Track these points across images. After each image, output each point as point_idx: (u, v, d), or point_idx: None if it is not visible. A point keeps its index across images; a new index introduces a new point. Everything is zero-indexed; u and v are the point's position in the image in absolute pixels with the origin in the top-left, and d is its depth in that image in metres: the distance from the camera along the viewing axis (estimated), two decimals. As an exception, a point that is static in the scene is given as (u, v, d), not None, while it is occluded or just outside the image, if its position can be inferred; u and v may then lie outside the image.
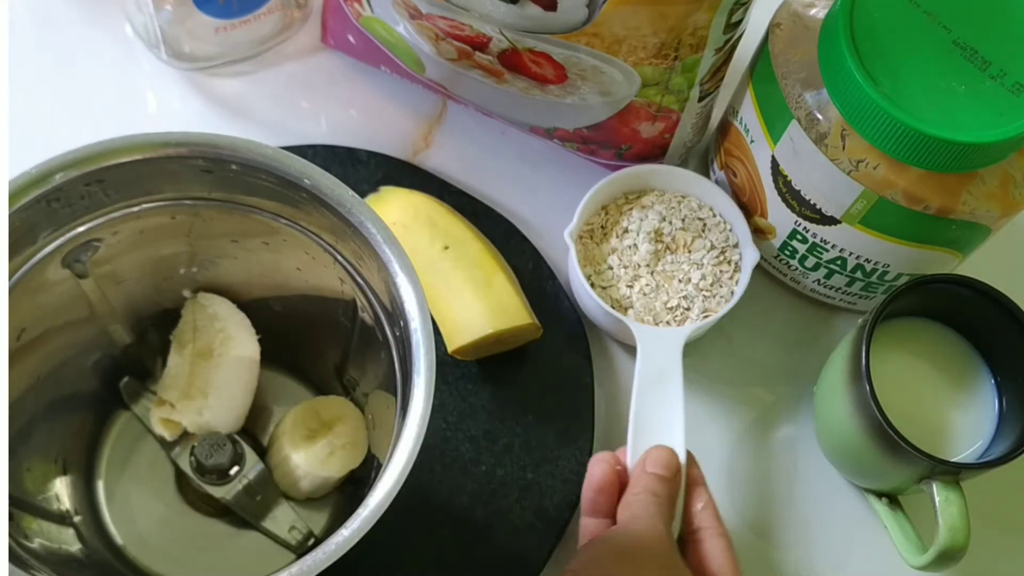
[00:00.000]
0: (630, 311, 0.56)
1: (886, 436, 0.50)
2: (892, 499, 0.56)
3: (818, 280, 0.58)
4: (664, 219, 0.58)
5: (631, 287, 0.56)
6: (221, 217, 0.48)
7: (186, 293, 0.52)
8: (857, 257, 0.55)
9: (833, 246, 0.55)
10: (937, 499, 0.50)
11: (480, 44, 0.53)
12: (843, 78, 0.48)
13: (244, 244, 0.50)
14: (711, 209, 0.58)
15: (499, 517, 0.54)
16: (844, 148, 0.50)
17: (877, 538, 0.56)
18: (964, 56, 0.48)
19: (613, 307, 0.56)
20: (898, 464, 0.51)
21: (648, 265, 0.57)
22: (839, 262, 0.55)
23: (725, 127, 0.59)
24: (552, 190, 0.62)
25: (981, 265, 0.56)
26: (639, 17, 0.49)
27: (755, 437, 0.58)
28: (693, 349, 0.59)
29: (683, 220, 0.58)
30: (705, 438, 0.58)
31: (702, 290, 0.56)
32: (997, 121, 0.47)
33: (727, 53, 0.54)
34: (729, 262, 0.57)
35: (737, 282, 0.57)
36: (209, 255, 0.51)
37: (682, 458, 0.50)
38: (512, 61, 0.54)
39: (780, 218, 0.56)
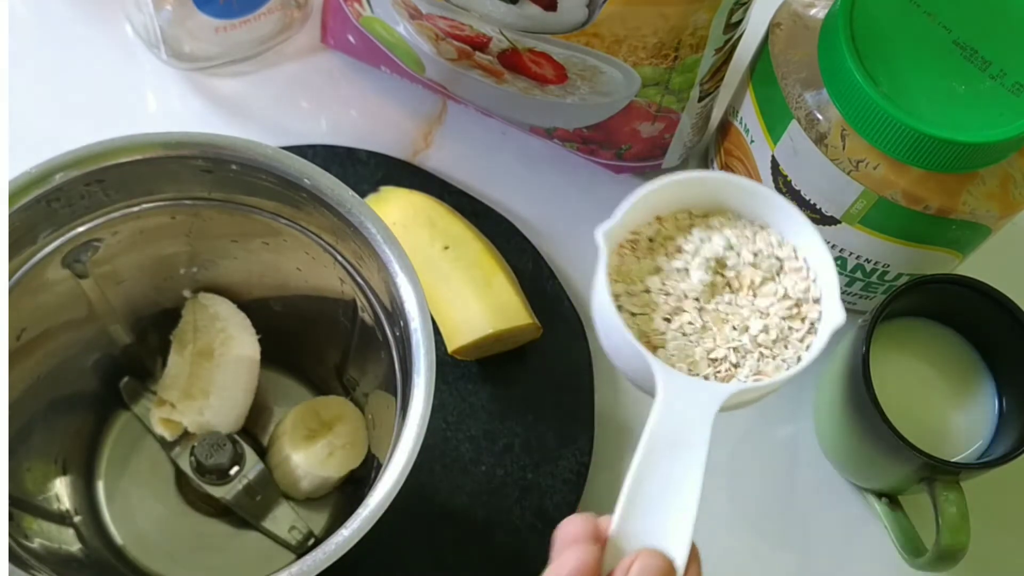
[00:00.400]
0: (660, 351, 0.43)
1: (886, 436, 0.50)
2: (892, 499, 0.56)
3: (818, 280, 0.58)
4: (731, 247, 0.45)
5: (669, 321, 0.44)
6: (221, 217, 0.48)
7: (186, 293, 0.52)
8: (857, 257, 0.55)
9: (833, 246, 0.55)
10: (937, 499, 0.50)
11: (480, 44, 0.53)
12: (843, 78, 0.48)
13: (244, 244, 0.50)
14: (794, 249, 0.45)
15: (499, 517, 0.54)
16: (844, 148, 0.50)
17: (877, 538, 0.56)
18: (964, 56, 0.48)
19: (639, 339, 0.43)
20: (898, 464, 0.51)
21: (698, 299, 0.44)
22: (839, 262, 0.55)
23: (725, 127, 0.59)
24: (552, 190, 0.62)
25: (981, 265, 0.56)
26: (639, 17, 0.49)
27: (755, 437, 0.58)
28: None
29: (755, 255, 0.45)
30: (705, 438, 0.58)
31: (760, 345, 0.44)
32: (997, 121, 0.47)
33: (727, 53, 0.54)
34: (803, 319, 0.44)
35: (808, 347, 0.44)
36: (209, 255, 0.51)
37: (682, 563, 0.41)
38: (512, 61, 0.54)
39: (780, 218, 0.56)
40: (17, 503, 0.47)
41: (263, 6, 0.60)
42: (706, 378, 0.43)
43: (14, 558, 0.43)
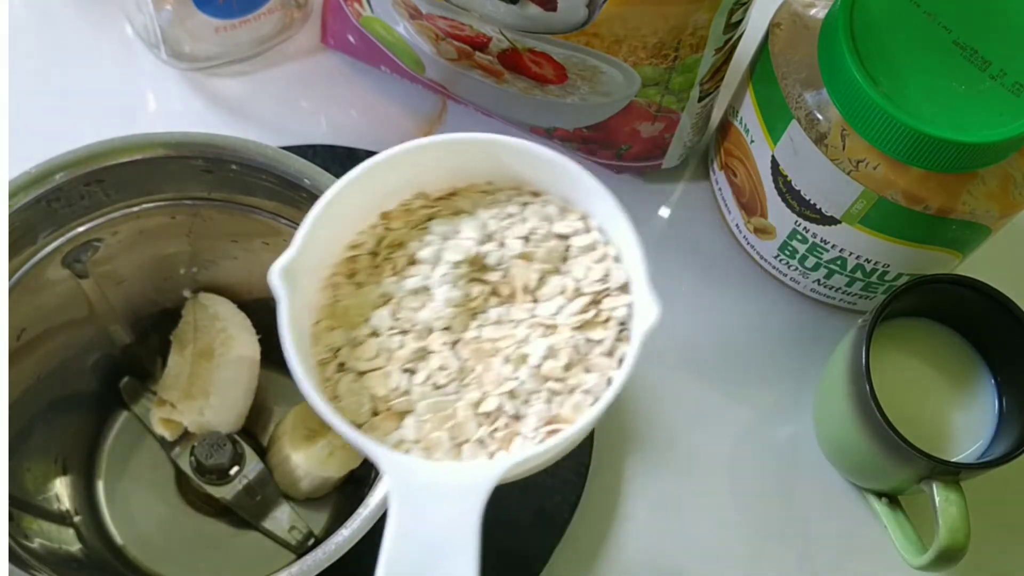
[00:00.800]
0: (408, 417, 0.31)
1: (886, 436, 0.50)
2: (892, 499, 0.56)
3: (818, 280, 0.58)
4: (489, 238, 0.32)
5: (411, 372, 0.31)
6: (221, 217, 0.48)
7: (186, 293, 0.52)
8: (857, 257, 0.55)
9: (833, 246, 0.55)
10: (937, 499, 0.50)
11: (480, 44, 0.53)
12: (843, 78, 0.48)
13: (244, 244, 0.50)
14: (583, 218, 0.33)
15: (499, 517, 0.54)
16: (844, 148, 0.50)
17: (877, 538, 0.56)
18: (964, 56, 0.48)
19: (374, 407, 0.31)
20: (898, 464, 0.51)
21: (449, 328, 0.31)
22: (839, 262, 0.55)
23: (725, 127, 0.59)
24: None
25: (981, 265, 0.56)
26: (639, 17, 0.49)
27: (755, 437, 0.58)
28: (691, 349, 0.59)
29: (526, 239, 0.32)
30: (705, 438, 0.58)
31: (548, 378, 0.31)
32: (997, 121, 0.47)
33: (727, 53, 0.54)
34: (606, 322, 0.31)
35: (621, 360, 0.31)
36: (209, 255, 0.51)
37: None
38: (512, 61, 0.54)
39: (780, 218, 0.56)
40: (17, 503, 0.47)
41: (263, 6, 0.60)
42: (482, 443, 0.30)
43: (14, 558, 0.43)
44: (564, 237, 0.32)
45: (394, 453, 0.30)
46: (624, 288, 0.31)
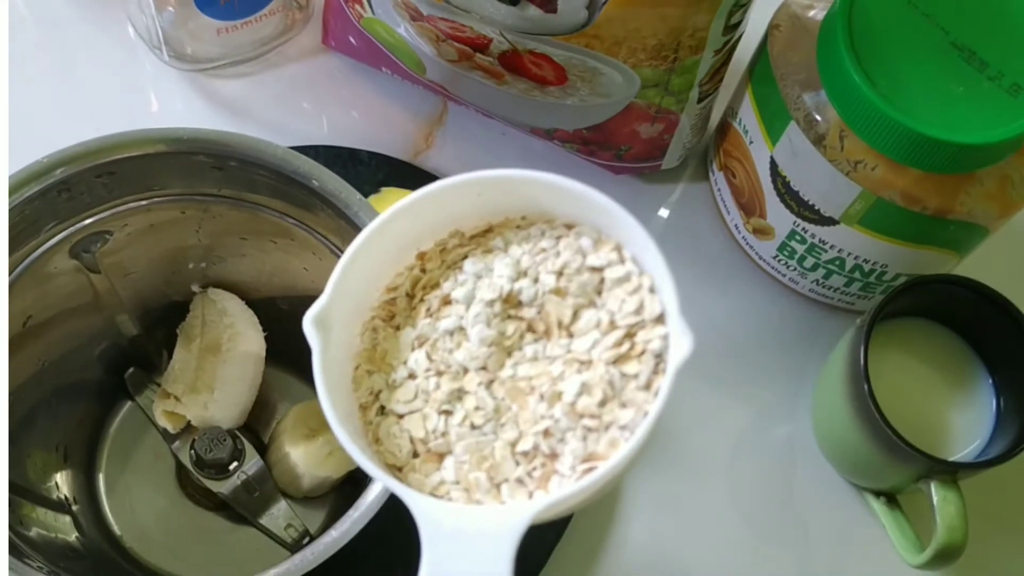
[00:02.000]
0: (448, 458, 0.31)
1: (884, 436, 0.50)
2: (890, 498, 0.56)
3: (817, 280, 0.58)
4: (523, 273, 0.32)
5: (449, 414, 0.31)
6: (231, 214, 0.48)
7: (195, 288, 0.53)
8: (855, 258, 0.55)
9: (832, 247, 0.55)
10: (935, 498, 0.50)
11: (481, 46, 0.53)
12: (841, 79, 0.48)
13: (254, 242, 0.50)
14: (617, 248, 0.32)
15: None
16: (842, 149, 0.50)
17: (875, 537, 0.56)
18: (962, 57, 0.48)
19: (413, 450, 0.31)
20: (896, 463, 0.51)
21: (485, 368, 0.31)
22: (837, 262, 0.56)
23: (724, 128, 0.59)
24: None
25: (979, 265, 0.56)
26: (639, 19, 0.49)
27: (754, 436, 0.59)
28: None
29: (560, 274, 0.32)
30: (704, 437, 0.58)
31: (583, 415, 0.30)
32: (995, 122, 0.47)
33: (726, 54, 0.54)
34: (641, 355, 0.31)
35: (657, 392, 0.30)
36: (219, 251, 0.51)
37: None
38: (512, 63, 0.54)
39: (779, 219, 0.56)
40: (17, 490, 0.48)
41: (265, 8, 0.60)
42: (520, 483, 0.30)
43: (10, 547, 0.43)
44: (598, 270, 0.31)
45: (423, 498, 0.30)
46: (659, 319, 0.30)
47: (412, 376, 0.32)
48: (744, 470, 0.58)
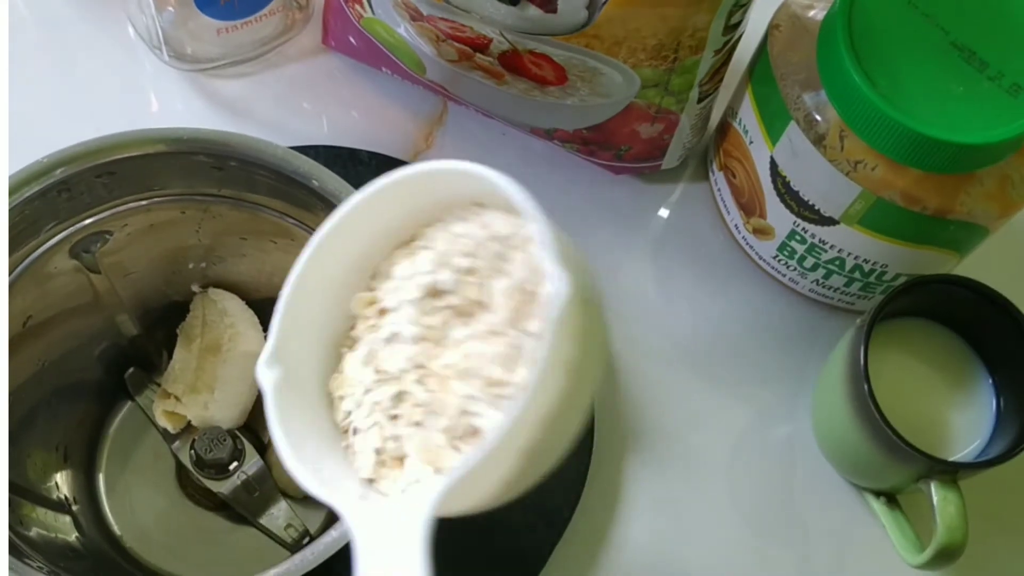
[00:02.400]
0: (406, 466, 0.32)
1: (884, 436, 0.50)
2: (890, 498, 0.56)
3: (816, 280, 0.58)
4: (443, 263, 0.32)
5: (395, 418, 0.32)
6: (231, 214, 0.48)
7: (195, 288, 0.53)
8: (855, 258, 0.55)
9: (832, 247, 0.55)
10: (935, 498, 0.50)
11: (481, 46, 0.53)
12: (841, 79, 0.48)
13: (254, 242, 0.50)
14: (510, 214, 0.33)
15: (499, 517, 0.54)
16: (842, 149, 0.50)
17: (875, 537, 0.56)
18: (962, 57, 0.48)
19: (376, 461, 0.32)
20: (896, 463, 0.51)
21: (422, 366, 0.31)
22: (837, 262, 0.56)
23: (724, 128, 0.59)
24: (552, 191, 0.62)
25: (979, 265, 0.56)
26: (639, 19, 0.49)
27: (754, 436, 0.59)
28: (690, 349, 0.59)
29: (472, 254, 0.32)
30: (704, 437, 0.58)
31: (494, 385, 0.30)
32: (995, 122, 0.47)
33: (726, 54, 0.54)
34: (531, 302, 0.31)
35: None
36: (219, 251, 0.51)
37: None
38: (512, 63, 0.54)
39: (779, 219, 0.56)
40: (17, 490, 0.48)
41: (265, 8, 0.60)
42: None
43: (10, 547, 0.43)
44: (501, 237, 0.32)
45: (344, 502, 0.31)
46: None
47: (368, 391, 0.33)
48: (744, 470, 0.58)
